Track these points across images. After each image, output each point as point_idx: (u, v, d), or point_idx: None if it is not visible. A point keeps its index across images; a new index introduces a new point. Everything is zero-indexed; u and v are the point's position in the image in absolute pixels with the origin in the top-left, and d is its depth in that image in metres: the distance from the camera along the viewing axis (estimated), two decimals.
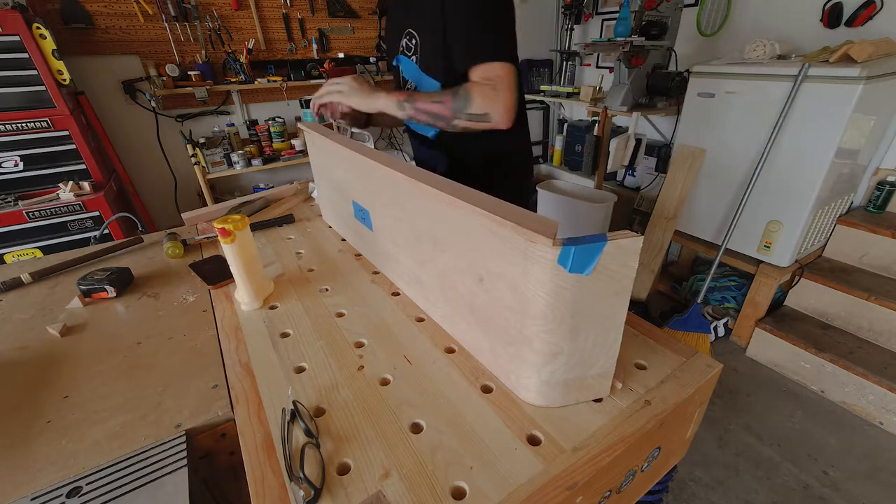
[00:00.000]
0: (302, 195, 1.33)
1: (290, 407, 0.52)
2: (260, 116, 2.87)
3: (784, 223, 1.79)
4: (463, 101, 0.79)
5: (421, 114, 0.82)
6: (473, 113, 0.79)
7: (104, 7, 2.28)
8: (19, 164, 1.98)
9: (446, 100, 0.80)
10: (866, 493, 1.38)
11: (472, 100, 0.78)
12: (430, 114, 0.82)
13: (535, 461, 0.47)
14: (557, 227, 0.43)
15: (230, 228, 0.69)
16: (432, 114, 0.81)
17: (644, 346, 0.64)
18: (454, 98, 0.79)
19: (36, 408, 0.58)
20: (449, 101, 0.80)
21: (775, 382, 1.85)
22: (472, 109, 0.78)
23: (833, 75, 1.52)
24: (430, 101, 0.81)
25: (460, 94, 0.79)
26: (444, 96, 0.80)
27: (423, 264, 0.69)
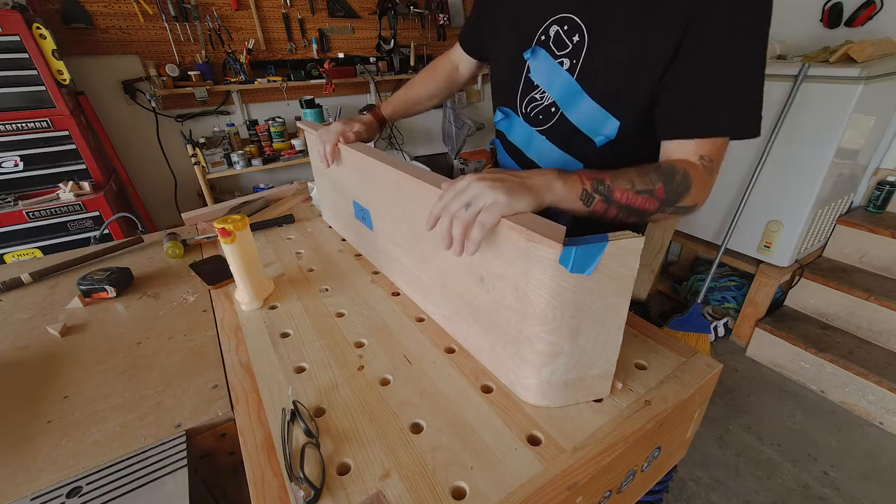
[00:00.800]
0: (302, 195, 1.33)
1: (290, 407, 0.52)
2: (260, 116, 2.87)
3: (784, 223, 1.79)
4: (680, 190, 0.55)
5: (616, 209, 0.53)
6: (683, 206, 0.57)
7: (104, 7, 2.28)
8: (19, 164, 1.98)
9: (658, 189, 0.54)
10: (866, 493, 1.38)
11: (690, 190, 0.56)
12: (630, 209, 0.54)
13: (536, 461, 0.47)
14: (564, 232, 0.43)
15: (230, 228, 0.69)
16: (633, 209, 0.54)
17: (644, 346, 0.64)
18: (667, 185, 0.54)
19: (36, 408, 0.58)
20: (662, 192, 0.54)
21: (775, 382, 1.85)
22: (685, 202, 0.56)
23: (833, 75, 1.52)
24: (633, 191, 0.53)
25: (677, 179, 0.55)
26: (655, 182, 0.54)
27: (423, 264, 0.69)
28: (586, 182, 0.51)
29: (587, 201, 0.51)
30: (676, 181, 0.55)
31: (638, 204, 0.54)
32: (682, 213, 0.59)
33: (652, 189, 0.54)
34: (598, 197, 0.51)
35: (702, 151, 0.58)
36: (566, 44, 0.66)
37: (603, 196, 0.52)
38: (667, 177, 0.55)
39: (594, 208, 0.52)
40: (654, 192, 0.54)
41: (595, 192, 0.51)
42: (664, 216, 0.57)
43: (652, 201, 0.54)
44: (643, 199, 0.54)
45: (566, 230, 0.44)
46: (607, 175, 0.53)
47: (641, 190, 0.53)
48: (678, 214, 0.58)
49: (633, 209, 0.54)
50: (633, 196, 0.53)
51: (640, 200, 0.54)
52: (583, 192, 0.51)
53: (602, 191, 0.52)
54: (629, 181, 0.53)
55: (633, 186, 0.53)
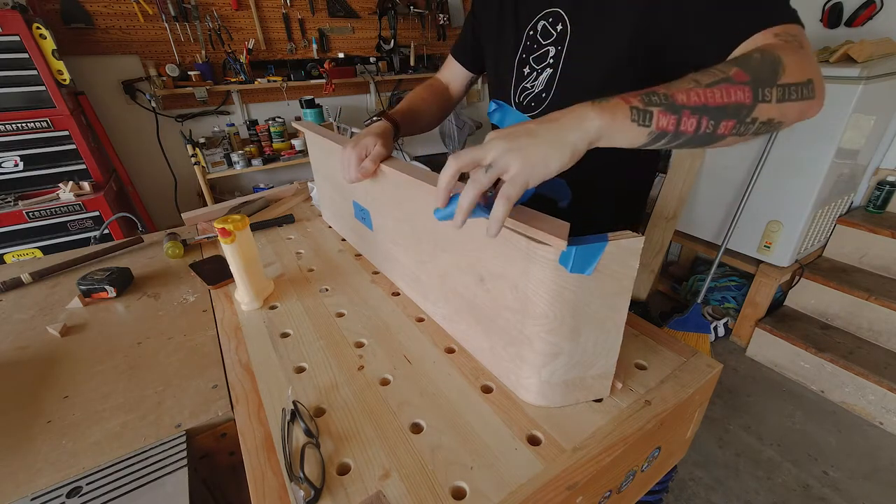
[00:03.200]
0: (302, 195, 1.33)
1: (290, 407, 0.52)
2: (260, 116, 2.87)
3: (784, 223, 1.79)
4: (765, 65, 0.41)
5: (695, 117, 0.40)
6: (791, 83, 0.42)
7: (104, 7, 2.28)
8: (19, 164, 1.98)
9: (735, 72, 0.41)
10: (866, 493, 1.38)
11: (783, 61, 0.42)
12: (714, 110, 0.40)
13: (536, 461, 0.47)
14: (568, 228, 0.43)
15: (230, 228, 0.69)
16: (719, 108, 0.40)
17: (644, 346, 0.64)
18: (744, 66, 0.41)
19: (36, 408, 0.58)
20: (741, 74, 0.41)
21: (775, 382, 1.85)
22: (786, 77, 0.41)
23: (833, 75, 1.52)
24: (702, 86, 0.40)
25: (755, 57, 0.42)
26: (726, 69, 0.41)
27: (424, 264, 0.69)
28: (632, 99, 0.39)
29: (643, 120, 0.39)
30: (754, 58, 0.42)
31: (718, 99, 0.40)
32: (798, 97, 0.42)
33: (727, 76, 0.40)
34: (656, 109, 0.39)
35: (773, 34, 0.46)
36: (551, 33, 0.68)
37: (664, 105, 0.39)
38: (739, 60, 0.42)
39: (659, 126, 0.39)
40: (731, 78, 0.40)
41: (650, 105, 0.39)
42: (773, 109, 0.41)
43: (736, 88, 0.40)
44: (723, 89, 0.40)
45: (569, 227, 0.43)
46: (660, 86, 0.41)
47: (712, 82, 0.40)
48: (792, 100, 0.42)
49: (716, 108, 0.40)
50: (706, 91, 0.40)
51: (719, 92, 0.40)
52: (633, 112, 0.39)
53: (659, 101, 0.39)
54: (690, 80, 0.41)
55: (697, 83, 0.40)
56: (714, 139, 0.42)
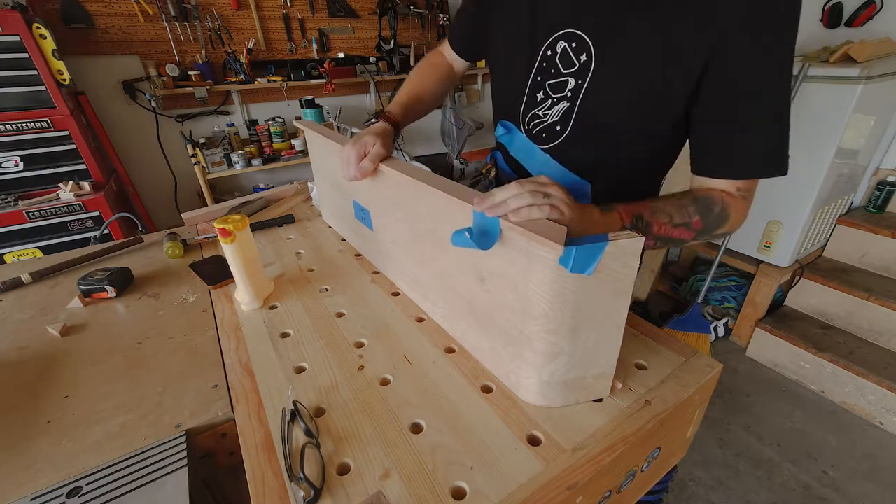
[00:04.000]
0: (302, 195, 1.33)
1: (290, 407, 0.52)
2: (260, 116, 2.87)
3: (784, 223, 1.79)
4: (717, 221, 0.57)
5: (654, 241, 0.55)
6: (720, 233, 0.59)
7: (104, 7, 2.28)
8: (19, 164, 1.98)
9: (696, 221, 0.55)
10: (866, 494, 1.38)
11: (729, 219, 0.57)
12: (666, 240, 0.56)
13: (536, 461, 0.47)
14: (566, 232, 0.43)
15: (230, 228, 0.69)
16: (669, 240, 0.56)
17: (644, 346, 0.64)
18: (705, 218, 0.56)
19: (36, 408, 0.58)
20: (699, 224, 0.55)
21: (775, 382, 1.85)
22: (722, 229, 0.58)
23: (833, 75, 1.52)
24: (671, 224, 0.54)
25: (715, 212, 0.56)
26: (693, 214, 0.55)
27: (424, 264, 0.69)
28: (626, 219, 0.52)
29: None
30: (714, 213, 0.56)
31: (675, 235, 0.55)
32: (716, 239, 0.59)
33: (689, 222, 0.55)
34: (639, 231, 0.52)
35: (739, 185, 0.58)
36: (573, 62, 0.62)
37: (642, 230, 0.53)
38: (704, 209, 0.56)
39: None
40: (691, 225, 0.55)
41: (634, 228, 0.52)
42: (696, 243, 0.60)
43: (689, 232, 0.56)
44: (680, 231, 0.55)
45: (567, 230, 0.44)
46: (646, 208, 0.54)
47: (679, 223, 0.55)
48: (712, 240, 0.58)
49: (669, 240, 0.56)
50: (671, 229, 0.55)
51: (677, 232, 0.55)
52: (622, 229, 0.52)
53: (641, 227, 0.53)
54: (667, 215, 0.54)
55: (671, 220, 0.54)
56: (649, 249, 0.56)
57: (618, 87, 0.59)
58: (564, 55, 0.62)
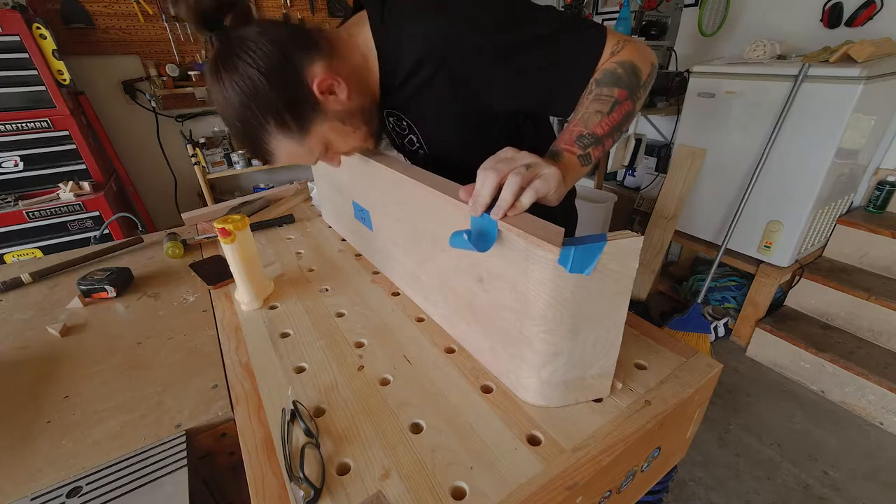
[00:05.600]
0: (302, 195, 1.33)
1: (290, 407, 0.52)
2: None
3: (784, 223, 1.79)
4: (629, 71, 0.55)
5: (610, 140, 0.55)
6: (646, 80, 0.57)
7: (104, 7, 2.28)
8: (19, 164, 1.98)
9: (619, 92, 0.54)
10: (866, 494, 1.38)
11: (637, 67, 0.56)
12: (617, 128, 0.55)
13: (535, 461, 0.47)
14: (563, 234, 0.43)
15: (230, 228, 0.69)
16: (619, 126, 0.55)
17: (644, 346, 0.64)
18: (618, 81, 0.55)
19: (36, 408, 0.58)
20: (623, 92, 0.54)
21: (775, 382, 1.85)
22: (643, 77, 0.56)
23: (833, 75, 1.52)
24: (605, 114, 0.54)
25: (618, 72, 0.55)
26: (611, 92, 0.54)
27: (423, 264, 0.69)
28: (575, 149, 0.52)
29: (586, 161, 0.53)
30: (621, 75, 0.55)
31: (618, 118, 0.54)
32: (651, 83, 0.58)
33: (615, 98, 0.54)
34: (590, 149, 0.53)
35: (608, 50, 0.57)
36: (404, 127, 0.76)
37: (593, 143, 0.53)
38: (612, 79, 0.55)
39: (594, 158, 0.53)
40: (618, 99, 0.54)
41: (586, 147, 0.52)
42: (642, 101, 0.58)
43: (625, 104, 0.54)
44: (618, 110, 0.54)
45: (563, 232, 0.44)
46: (578, 125, 0.53)
47: (610, 108, 0.53)
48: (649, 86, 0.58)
49: (618, 125, 0.54)
50: (610, 118, 0.53)
51: (617, 114, 0.54)
52: (580, 159, 0.52)
53: (589, 141, 0.52)
54: (596, 113, 0.54)
55: (602, 114, 0.53)
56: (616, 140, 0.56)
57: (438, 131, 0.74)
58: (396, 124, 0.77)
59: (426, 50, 0.61)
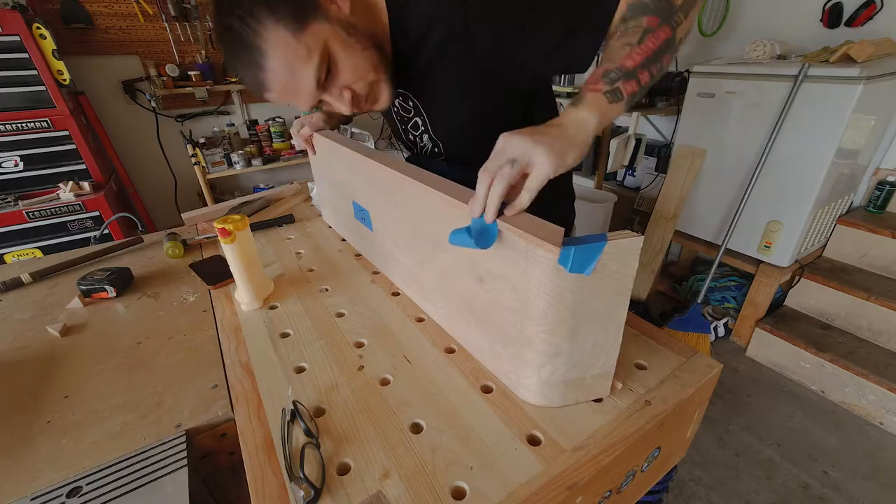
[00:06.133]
0: (302, 195, 1.33)
1: (290, 407, 0.52)
2: (260, 116, 2.87)
3: (784, 223, 1.79)
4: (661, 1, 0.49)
5: (646, 73, 0.48)
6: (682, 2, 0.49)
7: (104, 7, 2.28)
8: (19, 164, 1.98)
9: (649, 20, 0.48)
10: (866, 494, 1.38)
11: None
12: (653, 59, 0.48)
13: (535, 461, 0.47)
14: (563, 234, 0.43)
15: (230, 228, 0.69)
16: (655, 56, 0.48)
17: (644, 346, 0.64)
18: (649, 9, 0.49)
19: (36, 408, 0.58)
20: (654, 20, 0.48)
21: (775, 382, 1.85)
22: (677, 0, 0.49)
23: (833, 75, 1.52)
24: (637, 45, 0.48)
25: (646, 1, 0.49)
26: (640, 21, 0.49)
27: (423, 264, 0.69)
28: (601, 85, 0.47)
29: (616, 97, 0.47)
30: (645, 2, 0.49)
31: (652, 48, 0.48)
32: (691, 6, 0.50)
33: (645, 27, 0.48)
34: (619, 83, 0.47)
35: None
36: (409, 108, 0.76)
37: (623, 77, 0.47)
38: (639, 8, 0.49)
39: (628, 92, 0.48)
40: (649, 27, 0.48)
41: (615, 82, 0.47)
42: (684, 27, 0.49)
43: (658, 31, 0.48)
44: (651, 39, 0.47)
45: (564, 231, 0.44)
46: (606, 63, 0.49)
47: (640, 38, 0.48)
48: (690, 11, 0.50)
49: (655, 55, 0.48)
50: (642, 48, 0.47)
51: (651, 43, 0.47)
52: (607, 96, 0.47)
53: (617, 75, 0.47)
54: (624, 45, 0.48)
55: (630, 46, 0.48)
56: (663, 73, 0.51)
57: (445, 108, 0.72)
58: (402, 106, 0.77)
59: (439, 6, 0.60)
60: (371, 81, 0.63)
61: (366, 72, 0.62)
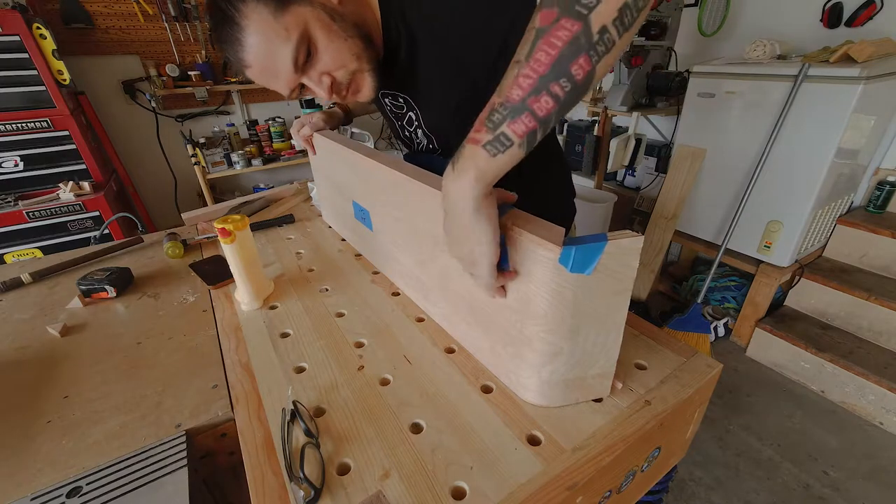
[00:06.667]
0: (302, 195, 1.33)
1: (290, 407, 0.52)
2: (260, 116, 2.87)
3: (784, 223, 1.79)
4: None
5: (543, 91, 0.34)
6: None
7: (104, 7, 2.28)
8: (19, 164, 1.98)
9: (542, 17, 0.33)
10: (866, 494, 1.38)
11: None
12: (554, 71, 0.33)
13: (535, 461, 0.47)
14: (563, 234, 0.43)
15: (230, 228, 0.69)
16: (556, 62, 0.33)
17: (644, 346, 0.64)
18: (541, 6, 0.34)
19: (36, 408, 0.58)
20: (548, 13, 0.33)
21: (775, 382, 1.85)
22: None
23: (833, 75, 1.52)
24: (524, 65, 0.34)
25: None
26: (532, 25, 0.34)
27: (423, 264, 0.69)
28: (480, 136, 0.37)
29: (499, 146, 0.37)
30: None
31: (549, 58, 0.33)
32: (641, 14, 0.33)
33: (534, 27, 0.34)
34: (504, 127, 0.36)
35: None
36: (401, 105, 0.78)
37: (508, 114, 0.35)
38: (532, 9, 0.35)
39: (519, 134, 0.36)
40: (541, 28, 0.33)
41: (497, 127, 0.36)
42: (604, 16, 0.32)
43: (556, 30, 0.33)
44: (542, 44, 0.33)
45: (564, 231, 0.44)
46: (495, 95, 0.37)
47: (529, 49, 0.34)
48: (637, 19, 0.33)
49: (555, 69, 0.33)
50: (534, 63, 0.34)
51: (545, 50, 0.33)
52: (488, 147, 0.37)
53: (500, 116, 0.36)
54: (513, 64, 0.35)
55: (519, 63, 0.35)
56: (586, 85, 0.34)
57: (434, 104, 0.74)
58: (392, 103, 0.80)
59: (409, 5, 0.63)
60: (353, 70, 0.63)
61: (348, 60, 0.61)
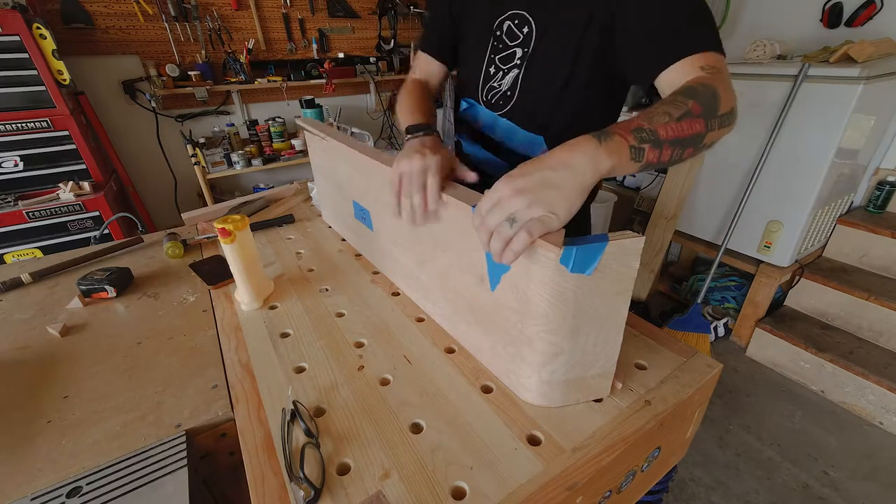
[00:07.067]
0: (302, 195, 1.33)
1: (290, 407, 0.52)
2: (260, 116, 2.87)
3: (784, 223, 1.79)
4: (710, 97, 0.50)
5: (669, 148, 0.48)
6: (724, 114, 0.51)
7: (104, 7, 2.28)
8: (19, 164, 1.98)
9: (693, 105, 0.49)
10: (866, 494, 1.38)
11: (719, 93, 0.51)
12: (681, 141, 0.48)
13: (535, 461, 0.47)
14: (564, 234, 0.43)
15: (230, 228, 0.69)
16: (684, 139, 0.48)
17: (644, 346, 0.64)
18: (697, 98, 0.49)
19: (36, 408, 0.58)
20: (697, 107, 0.49)
21: (775, 382, 1.85)
22: (722, 108, 0.51)
23: (833, 75, 1.52)
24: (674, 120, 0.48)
25: (699, 90, 0.51)
26: (686, 101, 0.49)
27: (423, 264, 0.69)
28: (629, 137, 0.45)
29: (638, 156, 0.45)
30: (702, 92, 0.50)
31: (685, 131, 0.48)
32: (727, 124, 0.52)
33: (688, 109, 0.48)
34: (647, 146, 0.46)
35: (699, 63, 0.55)
36: (517, 35, 0.73)
37: (651, 142, 0.46)
38: (691, 93, 0.50)
39: (648, 160, 0.46)
40: (692, 111, 0.48)
41: (642, 143, 0.45)
42: (714, 134, 0.51)
43: (696, 121, 0.48)
44: (687, 123, 0.48)
45: (564, 232, 0.44)
46: (642, 119, 0.48)
47: (680, 116, 0.48)
48: (724, 127, 0.52)
49: (683, 139, 0.48)
50: (678, 125, 0.47)
51: (686, 126, 0.48)
52: (631, 150, 0.45)
53: (647, 137, 0.46)
54: (665, 114, 0.48)
55: (670, 117, 0.47)
56: (675, 163, 0.50)
57: (553, 49, 0.70)
58: (510, 31, 0.74)
59: None
60: None
61: None
